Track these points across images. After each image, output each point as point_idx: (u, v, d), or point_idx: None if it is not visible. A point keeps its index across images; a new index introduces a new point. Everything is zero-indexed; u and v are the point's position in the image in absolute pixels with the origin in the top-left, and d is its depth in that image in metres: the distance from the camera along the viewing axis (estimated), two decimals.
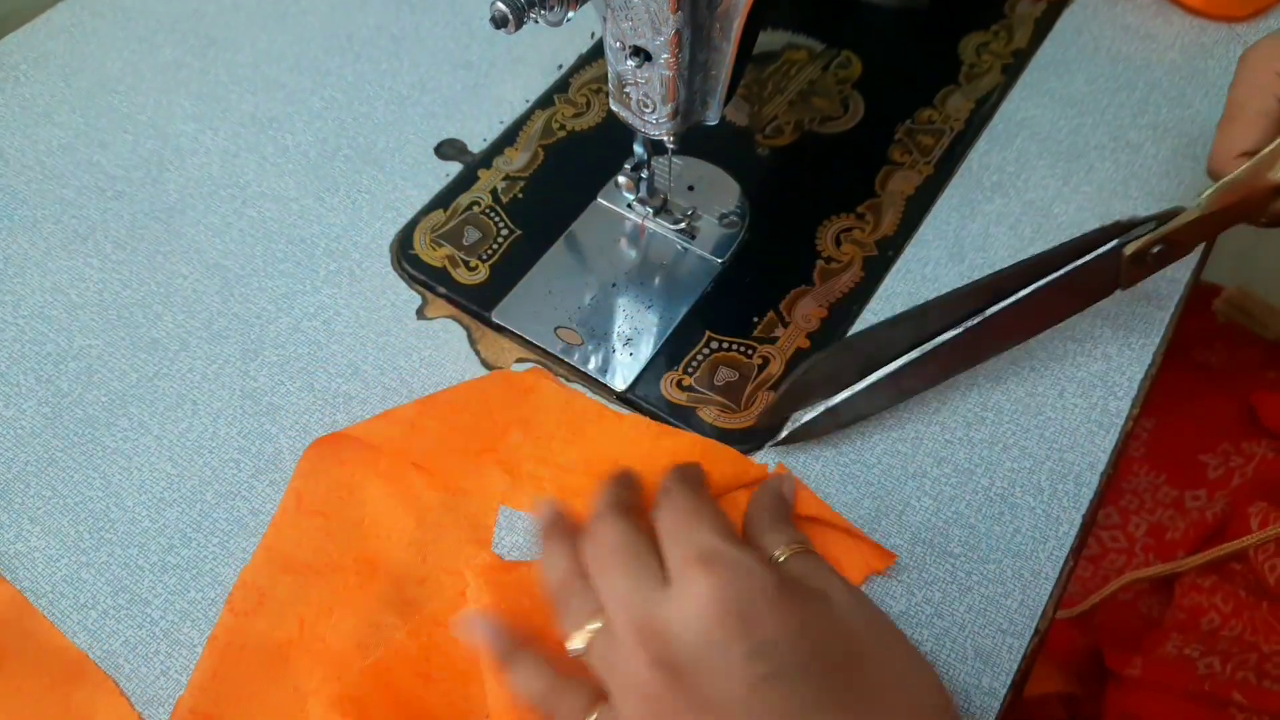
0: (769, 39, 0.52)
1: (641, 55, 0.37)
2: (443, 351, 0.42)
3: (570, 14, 0.37)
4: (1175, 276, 0.43)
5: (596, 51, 0.52)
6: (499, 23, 0.36)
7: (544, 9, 0.37)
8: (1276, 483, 0.52)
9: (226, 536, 0.37)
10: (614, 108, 0.41)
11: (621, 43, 0.37)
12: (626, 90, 0.39)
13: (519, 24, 0.36)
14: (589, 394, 0.40)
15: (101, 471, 0.39)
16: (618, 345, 0.42)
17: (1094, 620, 0.55)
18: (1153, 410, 0.60)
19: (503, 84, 0.51)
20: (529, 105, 0.50)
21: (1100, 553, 0.57)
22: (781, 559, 0.32)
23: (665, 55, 0.36)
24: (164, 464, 0.39)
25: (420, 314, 0.43)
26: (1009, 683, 0.34)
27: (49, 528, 0.37)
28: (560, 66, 0.52)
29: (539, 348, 0.42)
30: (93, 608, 0.36)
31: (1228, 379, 0.60)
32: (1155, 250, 0.36)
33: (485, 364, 0.42)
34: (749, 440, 0.39)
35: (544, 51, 0.52)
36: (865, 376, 0.37)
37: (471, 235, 0.45)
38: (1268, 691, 0.43)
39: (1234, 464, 0.54)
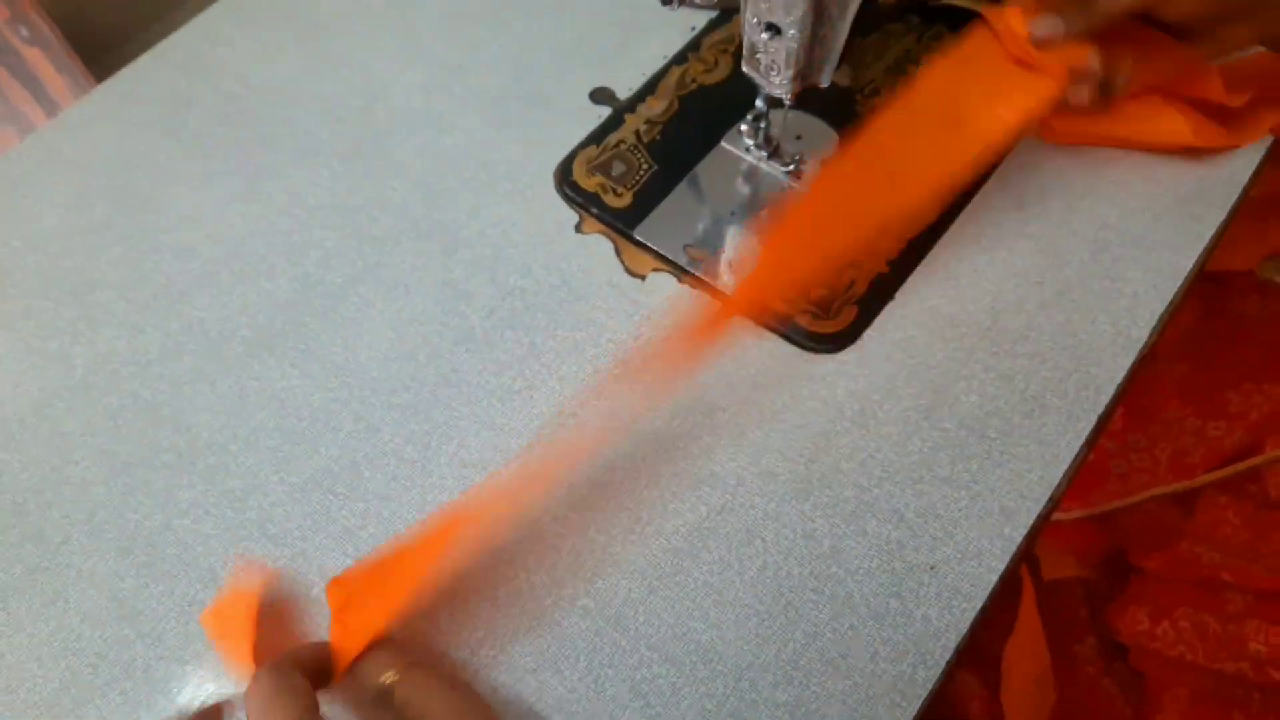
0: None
1: (773, 29, 0.47)
2: (595, 259, 0.53)
3: None
4: (1199, 231, 0.51)
5: (723, 18, 0.62)
6: (666, 0, 0.46)
7: None
8: None
9: (435, 387, 0.49)
10: (745, 69, 0.50)
11: (758, 19, 0.47)
12: (757, 56, 0.49)
13: (682, 2, 0.46)
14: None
15: (341, 334, 0.51)
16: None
17: (1115, 524, 0.64)
18: (1188, 355, 0.69)
19: (646, 42, 0.61)
20: (667, 61, 0.60)
21: (1129, 471, 0.66)
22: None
23: (793, 31, 0.46)
24: (386, 331, 0.51)
25: (577, 229, 0.54)
26: (1024, 534, 0.44)
27: (305, 371, 0.50)
28: (694, 29, 0.61)
29: (670, 260, 0.53)
30: (339, 429, 0.48)
31: (1258, 328, 0.68)
32: None
33: (628, 271, 0.53)
34: (835, 342, 0.49)
35: (682, 16, 0.62)
36: None
37: (618, 168, 0.56)
38: (1252, 572, 0.52)
39: (1255, 401, 0.63)
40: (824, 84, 0.50)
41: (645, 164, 0.56)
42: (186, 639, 0.44)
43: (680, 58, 0.60)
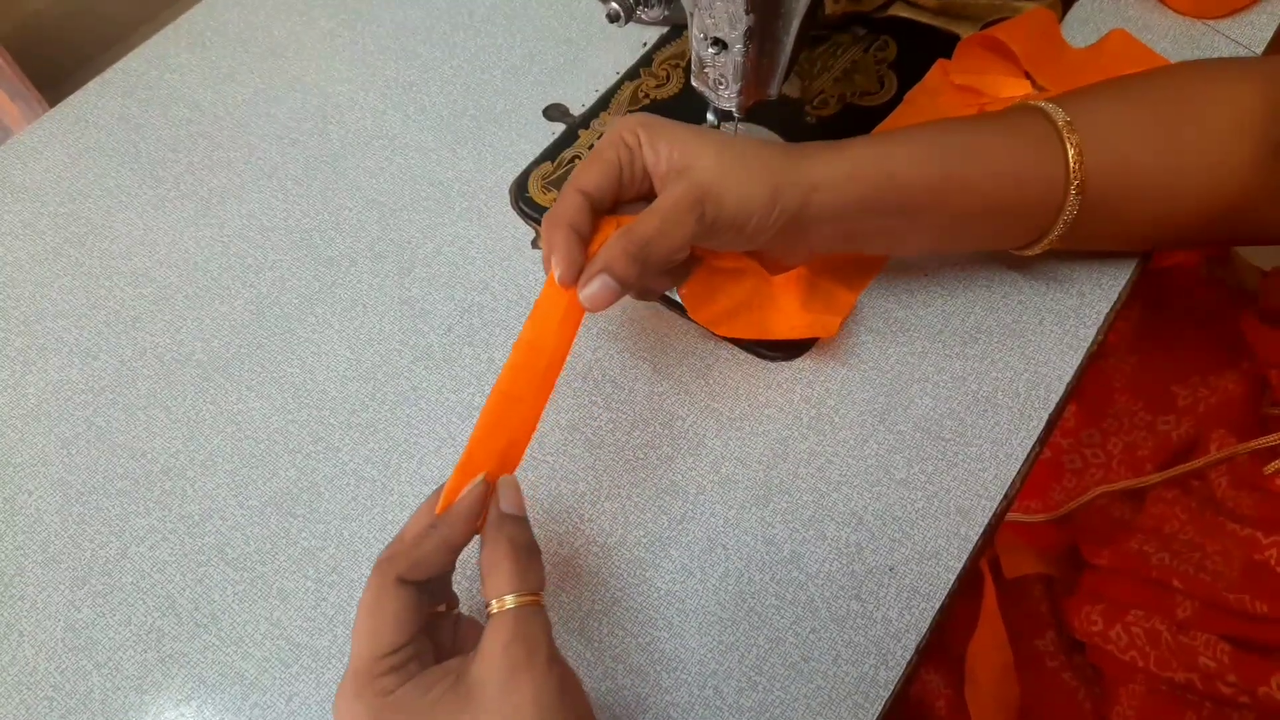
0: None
1: (720, 45, 0.47)
2: None
3: (665, 11, 0.48)
4: None
5: (674, 33, 0.63)
6: (613, 18, 0.47)
7: (647, 7, 0.47)
8: (1236, 411, 0.62)
9: (395, 405, 0.49)
10: (694, 84, 0.51)
11: (704, 34, 0.47)
12: (705, 70, 0.50)
13: (629, 19, 0.47)
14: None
15: (298, 354, 0.51)
16: None
17: (1073, 522, 0.66)
18: (1136, 348, 0.70)
19: (597, 58, 0.61)
20: (619, 76, 0.61)
21: (1083, 466, 0.67)
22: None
23: (738, 46, 0.47)
24: (344, 351, 0.51)
25: (534, 245, 0.55)
26: (980, 533, 0.45)
27: (262, 393, 0.50)
28: (645, 44, 0.62)
29: None
30: (298, 451, 0.48)
31: (1203, 322, 0.69)
32: None
33: None
34: (790, 350, 0.50)
35: (631, 31, 0.62)
36: None
37: None
38: (1200, 580, 0.53)
39: (1201, 395, 0.64)
40: (773, 96, 0.51)
41: None
42: (144, 668, 0.43)
43: (633, 73, 0.61)
